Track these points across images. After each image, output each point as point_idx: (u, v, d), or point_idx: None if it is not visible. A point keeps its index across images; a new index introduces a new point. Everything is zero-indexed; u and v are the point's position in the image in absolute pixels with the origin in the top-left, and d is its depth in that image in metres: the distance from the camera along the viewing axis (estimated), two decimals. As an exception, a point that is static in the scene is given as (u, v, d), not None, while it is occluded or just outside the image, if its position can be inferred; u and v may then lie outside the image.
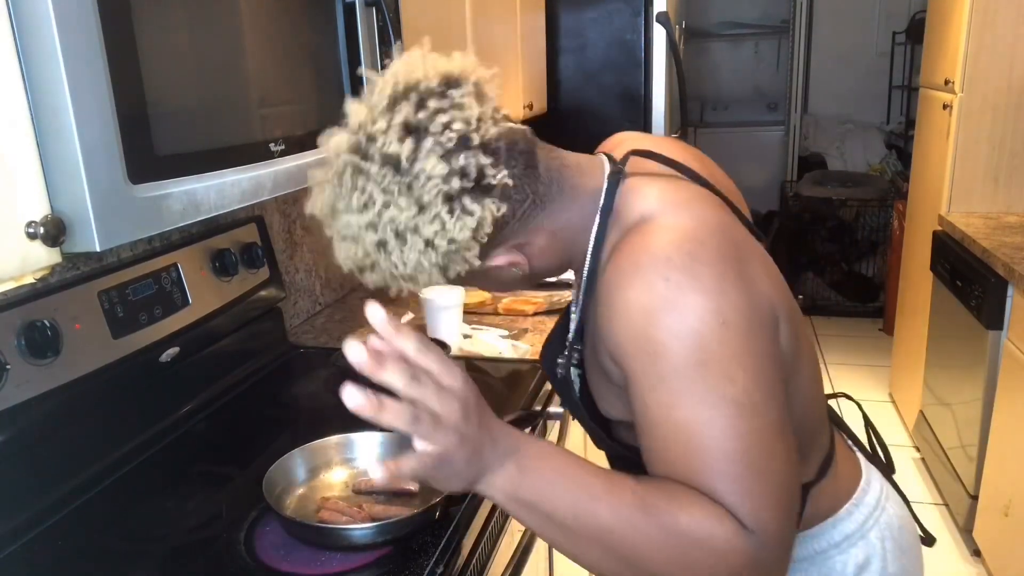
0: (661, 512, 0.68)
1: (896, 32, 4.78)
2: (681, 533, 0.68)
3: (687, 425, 0.69)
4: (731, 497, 0.68)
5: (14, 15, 0.67)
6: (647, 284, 0.70)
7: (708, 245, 0.73)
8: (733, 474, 0.68)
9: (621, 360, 0.73)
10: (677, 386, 0.69)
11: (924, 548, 1.03)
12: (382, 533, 0.99)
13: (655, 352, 0.70)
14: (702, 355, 0.69)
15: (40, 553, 1.02)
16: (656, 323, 0.69)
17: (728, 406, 0.68)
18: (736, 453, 0.68)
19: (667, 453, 0.71)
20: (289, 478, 1.11)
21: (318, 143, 0.78)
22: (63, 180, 0.72)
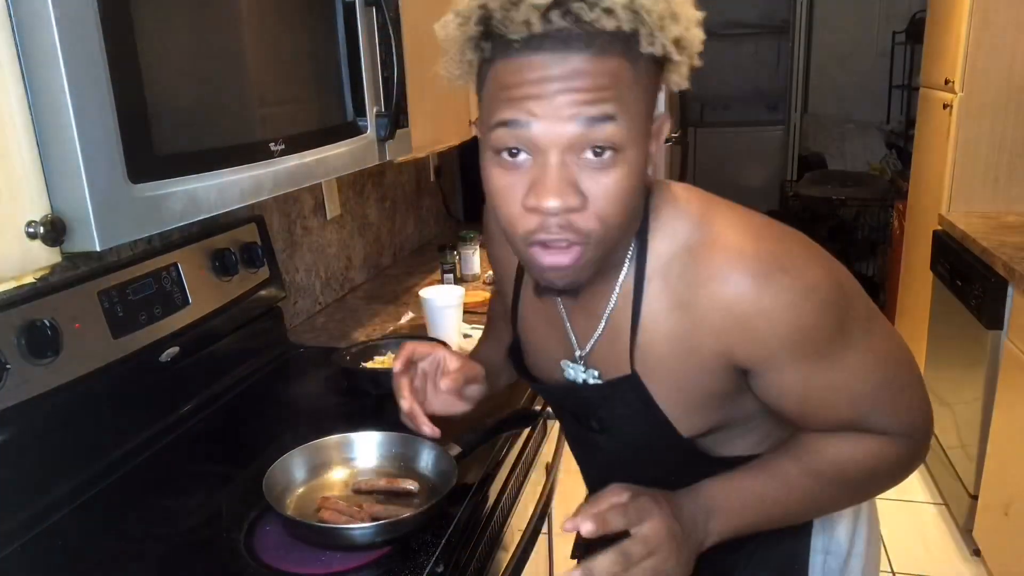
0: (836, 481, 0.85)
1: (896, 32, 4.78)
2: (856, 481, 0.86)
3: (846, 379, 0.79)
4: (888, 424, 0.83)
5: (14, 15, 0.67)
6: (772, 284, 0.73)
7: (787, 230, 0.80)
8: (883, 404, 0.82)
9: (760, 359, 0.77)
10: (829, 351, 0.76)
11: (922, 548, 1.08)
12: (382, 533, 0.99)
13: (805, 335, 0.75)
14: (839, 311, 0.76)
15: (40, 552, 1.02)
16: (801, 311, 0.74)
17: (865, 340, 0.79)
18: (883, 384, 0.81)
19: (832, 409, 0.81)
20: (289, 478, 1.11)
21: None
22: (63, 180, 0.72)
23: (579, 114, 0.66)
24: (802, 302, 0.73)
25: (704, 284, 0.75)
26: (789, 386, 0.79)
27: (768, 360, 0.77)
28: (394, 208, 2.52)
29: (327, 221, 2.05)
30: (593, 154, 0.68)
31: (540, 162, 0.68)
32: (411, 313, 1.95)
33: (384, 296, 2.14)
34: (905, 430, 0.84)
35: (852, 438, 0.83)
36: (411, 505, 1.06)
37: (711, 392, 0.81)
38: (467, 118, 2.04)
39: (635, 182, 0.71)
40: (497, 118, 0.69)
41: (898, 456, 0.85)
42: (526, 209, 0.70)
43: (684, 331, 0.77)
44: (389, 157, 1.34)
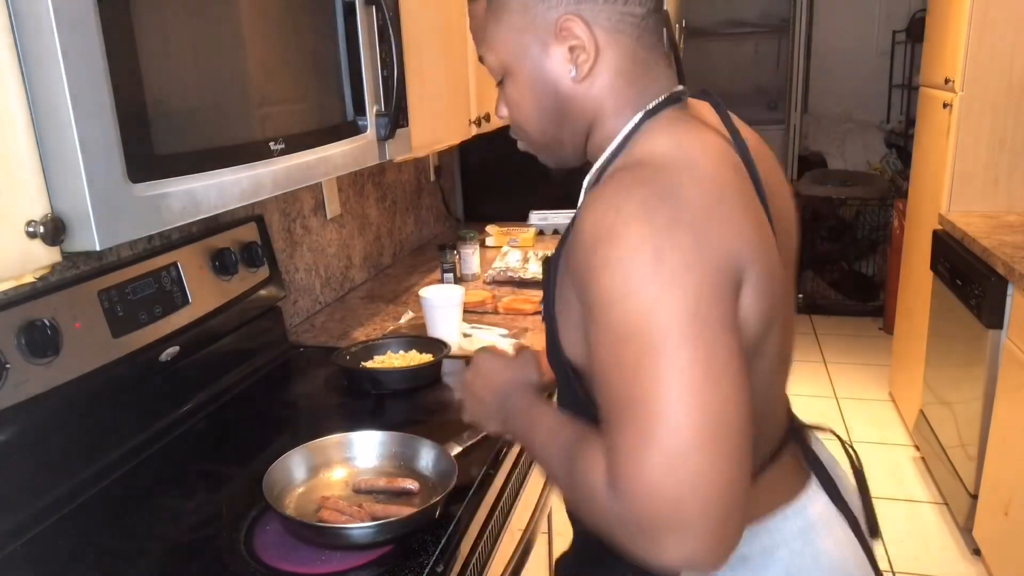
0: (568, 458, 0.75)
1: (896, 31, 4.77)
2: (572, 475, 0.74)
3: (604, 360, 0.67)
4: (611, 450, 0.66)
5: (14, 15, 0.67)
6: (602, 212, 0.69)
7: (687, 185, 0.70)
8: (620, 422, 0.65)
9: (573, 284, 0.74)
10: (601, 318, 0.67)
11: (922, 547, 1.01)
12: (382, 532, 0.99)
13: (589, 280, 0.68)
14: (625, 288, 0.66)
15: (40, 552, 1.02)
16: (595, 251, 0.68)
17: (637, 343, 0.65)
18: (627, 400, 0.65)
19: (600, 387, 0.69)
20: (289, 477, 1.11)
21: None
22: (63, 179, 0.72)
23: (477, 53, 0.88)
24: (601, 244, 0.67)
25: (594, 188, 0.74)
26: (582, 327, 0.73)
27: (574, 287, 0.73)
28: (394, 207, 2.52)
29: (327, 220, 2.05)
30: (496, 81, 0.88)
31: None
32: (411, 312, 1.95)
33: (384, 295, 2.14)
34: (617, 479, 0.65)
35: (595, 447, 0.70)
36: (411, 504, 1.06)
37: (575, 307, 0.75)
38: (467, 117, 2.04)
39: (528, 92, 0.84)
40: None
41: (593, 495, 0.69)
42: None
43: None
44: (389, 156, 1.34)
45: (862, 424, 3.36)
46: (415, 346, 1.61)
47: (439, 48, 1.77)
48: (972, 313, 2.39)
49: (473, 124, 2.07)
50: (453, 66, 1.90)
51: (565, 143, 0.86)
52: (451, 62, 1.88)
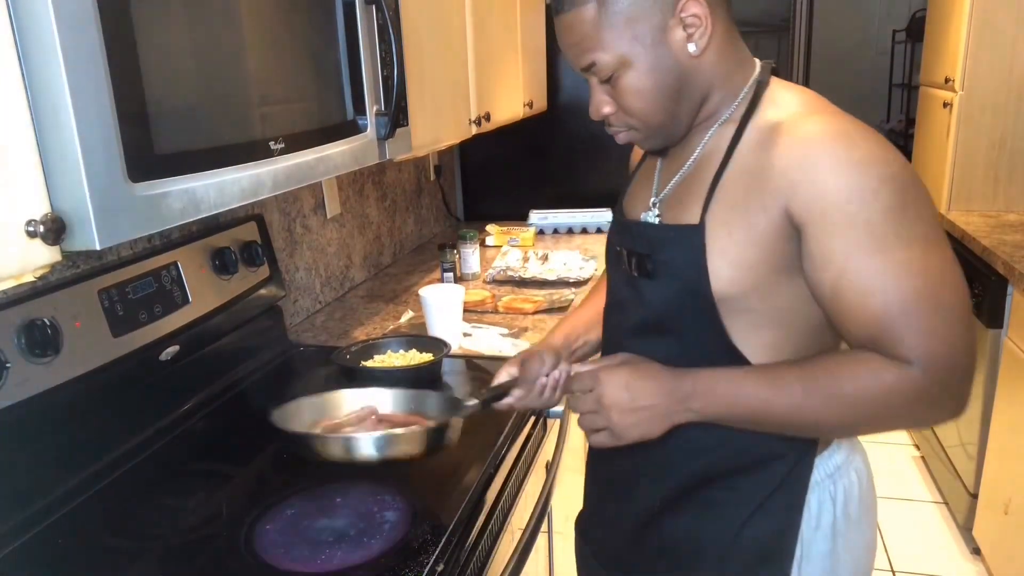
0: (828, 388, 0.83)
1: (896, 30, 4.78)
2: (847, 398, 0.83)
3: (886, 268, 0.79)
4: (909, 346, 0.79)
5: (14, 15, 0.67)
6: (851, 142, 0.80)
7: (871, 128, 0.85)
8: (912, 318, 0.79)
9: (816, 212, 0.80)
10: (882, 229, 0.79)
11: (922, 547, 1.07)
12: (382, 446, 0.99)
13: (863, 200, 0.79)
14: (903, 199, 0.80)
15: (40, 551, 1.02)
16: (867, 173, 0.79)
17: (921, 244, 0.79)
18: (920, 296, 0.79)
19: (863, 301, 0.80)
20: (300, 420, 1.10)
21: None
22: (63, 178, 0.72)
23: (578, 66, 0.92)
24: (870, 167, 0.79)
25: (792, 127, 0.84)
26: (832, 256, 0.81)
27: (822, 217, 0.80)
28: (394, 207, 2.52)
29: (327, 220, 2.05)
30: (604, 79, 0.91)
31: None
32: (411, 312, 1.95)
33: (384, 295, 2.14)
34: (923, 359, 0.79)
35: (858, 354, 0.83)
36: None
37: (759, 241, 0.85)
38: (467, 117, 2.04)
39: (650, 77, 0.88)
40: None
41: (902, 386, 0.80)
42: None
43: (758, 169, 0.85)
44: (389, 156, 1.34)
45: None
46: (415, 345, 1.61)
47: (439, 48, 1.77)
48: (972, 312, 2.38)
49: (473, 124, 2.07)
50: (453, 66, 1.90)
51: (682, 117, 0.93)
52: (451, 62, 1.88)
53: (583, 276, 2.18)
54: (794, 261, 0.85)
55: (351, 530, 1.03)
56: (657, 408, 0.90)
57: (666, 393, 0.90)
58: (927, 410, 0.82)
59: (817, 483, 0.95)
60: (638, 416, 0.91)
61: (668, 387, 0.90)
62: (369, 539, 1.00)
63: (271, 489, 1.12)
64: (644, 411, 0.90)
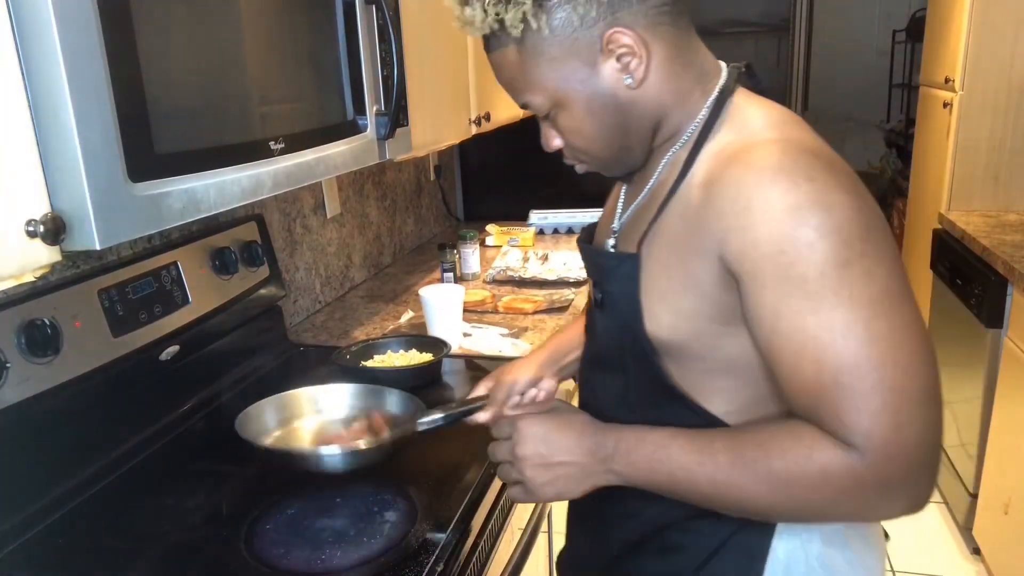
0: (755, 462, 0.74)
1: (896, 30, 4.77)
2: (776, 475, 0.73)
3: (819, 334, 0.69)
4: (835, 416, 0.69)
5: (14, 15, 0.67)
6: (792, 183, 0.70)
7: (832, 157, 0.76)
8: (861, 386, 0.68)
9: (749, 263, 0.72)
10: (817, 289, 0.69)
11: (922, 546, 1.02)
12: (350, 459, 1.05)
13: (798, 252, 0.69)
14: (846, 253, 0.69)
15: (40, 551, 1.02)
16: (803, 221, 0.69)
17: (866, 307, 0.68)
18: (864, 361, 0.68)
19: (796, 366, 0.71)
20: (261, 425, 1.17)
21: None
22: (63, 178, 0.72)
23: (516, 103, 0.87)
24: (808, 214, 0.69)
25: (732, 163, 0.75)
26: (764, 313, 0.72)
27: (753, 268, 0.72)
28: (394, 207, 2.52)
29: (327, 220, 2.05)
30: (543, 118, 0.87)
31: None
32: (411, 312, 1.95)
33: (384, 295, 2.14)
34: (863, 442, 0.68)
35: (795, 427, 0.73)
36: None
37: (693, 288, 0.77)
38: (467, 117, 2.04)
39: (586, 115, 0.83)
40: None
41: (836, 472, 0.70)
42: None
43: (698, 206, 0.77)
44: (389, 156, 1.34)
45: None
46: (415, 345, 1.61)
47: (439, 47, 1.77)
48: (972, 312, 2.39)
49: (473, 123, 2.07)
50: (453, 65, 1.90)
51: (633, 148, 0.86)
52: (451, 61, 1.88)
53: (583, 276, 2.18)
54: (737, 312, 0.76)
55: (351, 530, 1.03)
56: (575, 466, 0.84)
57: (586, 451, 0.84)
58: (869, 502, 0.71)
59: (785, 529, 0.83)
60: (553, 473, 0.85)
61: (588, 445, 0.84)
62: (369, 539, 1.01)
63: (271, 489, 1.12)
64: (560, 467, 0.85)
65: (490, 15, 0.79)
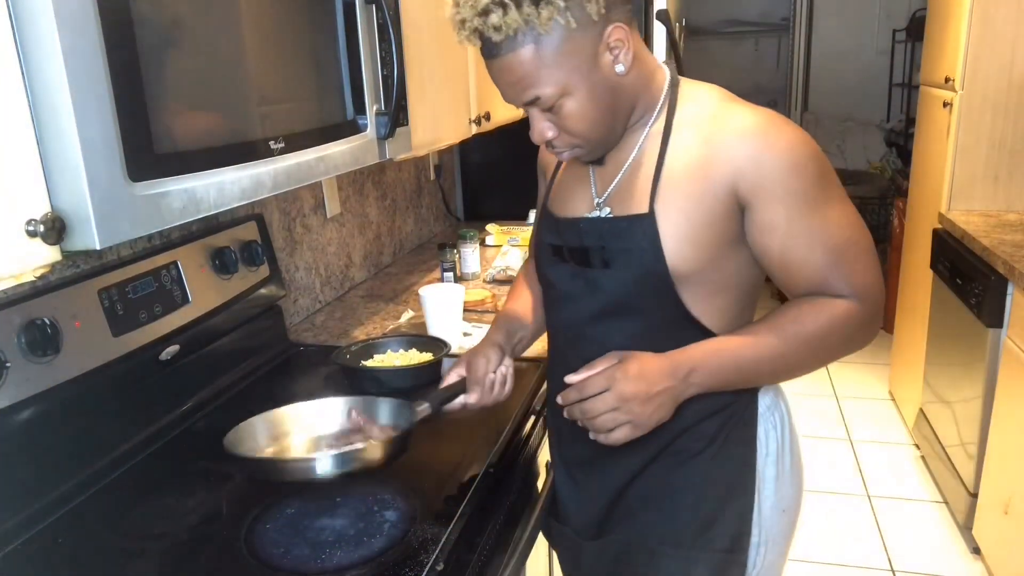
0: (796, 334, 0.99)
1: (896, 30, 4.77)
2: (815, 335, 0.99)
3: (823, 225, 0.96)
4: (848, 284, 0.98)
5: (14, 14, 0.67)
6: (779, 131, 0.96)
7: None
8: (848, 262, 0.97)
9: (760, 187, 0.95)
10: (814, 193, 0.96)
11: (921, 546, 1.14)
12: (341, 464, 1.02)
13: (800, 173, 0.95)
14: (821, 167, 0.97)
15: (40, 551, 1.02)
16: (799, 151, 0.95)
17: (841, 200, 0.98)
18: (850, 243, 0.97)
19: (808, 255, 0.97)
20: (253, 443, 1.13)
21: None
22: (63, 178, 0.72)
23: (519, 102, 0.98)
24: (799, 146, 0.95)
25: (728, 121, 0.98)
26: (778, 223, 0.96)
27: (766, 192, 0.95)
28: (394, 206, 2.52)
29: (327, 219, 2.05)
30: (546, 109, 0.98)
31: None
32: (411, 311, 1.95)
33: (384, 294, 2.14)
34: (861, 293, 0.98)
35: (811, 300, 0.99)
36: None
37: (710, 222, 0.98)
38: (467, 116, 2.04)
39: (590, 101, 0.96)
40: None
41: (850, 317, 0.98)
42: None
43: (704, 159, 0.97)
44: (389, 155, 1.34)
45: (862, 423, 3.36)
46: (415, 345, 1.61)
47: (439, 47, 1.77)
48: (972, 312, 2.39)
49: (473, 123, 2.07)
50: (453, 65, 1.90)
51: (618, 128, 1.02)
52: (451, 61, 1.88)
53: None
54: (739, 234, 0.99)
55: (351, 529, 1.03)
56: (669, 391, 0.99)
57: (671, 375, 0.99)
58: (866, 332, 1.01)
59: (761, 415, 1.09)
60: (656, 402, 0.99)
61: (671, 370, 0.99)
62: (369, 538, 1.01)
63: (271, 488, 1.12)
64: (660, 395, 0.99)
65: (522, 15, 0.88)
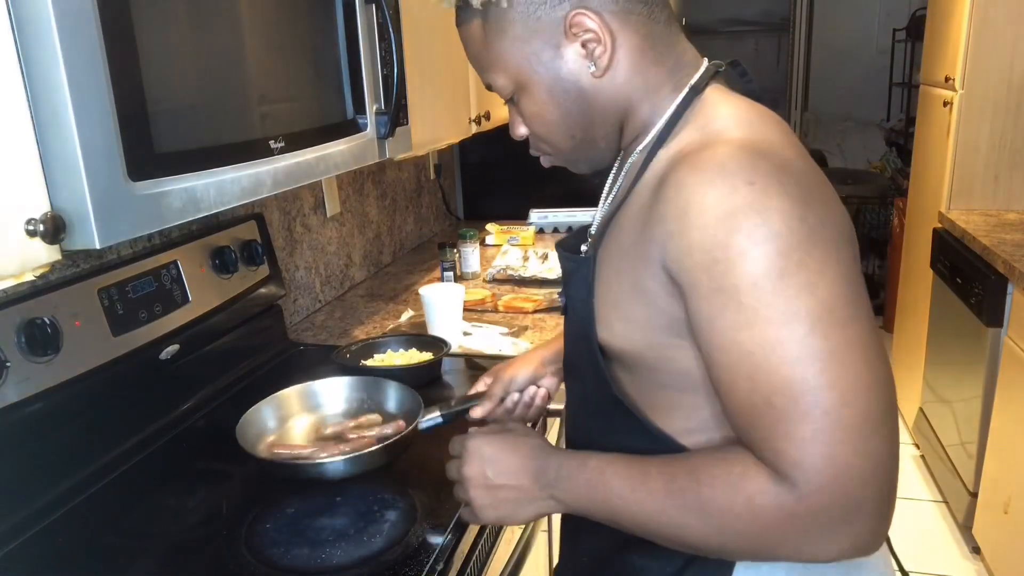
0: (684, 491, 0.70)
1: (896, 29, 4.77)
2: (705, 506, 0.68)
3: (753, 350, 0.64)
4: (768, 440, 0.64)
5: (14, 14, 0.67)
6: (730, 187, 0.65)
7: (791, 161, 0.70)
8: (793, 410, 0.63)
9: (685, 271, 0.68)
10: (750, 301, 0.64)
11: (921, 545, 1.00)
12: (349, 466, 1.06)
13: (730, 261, 0.64)
14: (783, 263, 0.63)
15: (40, 550, 1.02)
16: (736, 227, 0.64)
17: (803, 323, 0.63)
18: (799, 383, 0.63)
19: (732, 384, 0.67)
20: (260, 428, 1.20)
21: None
22: (63, 177, 0.72)
23: (483, 82, 0.84)
24: (743, 220, 0.64)
25: (681, 163, 0.70)
26: (701, 322, 0.68)
27: (689, 276, 0.67)
28: (394, 206, 2.52)
29: (327, 219, 2.05)
30: (507, 100, 0.84)
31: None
32: (411, 311, 1.95)
33: (384, 294, 2.14)
34: (797, 473, 0.63)
35: (729, 454, 0.70)
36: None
37: (645, 297, 0.73)
38: (467, 116, 2.04)
39: (548, 101, 0.80)
40: None
41: (766, 504, 0.65)
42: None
43: (647, 208, 0.73)
44: (389, 155, 1.34)
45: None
46: (415, 344, 1.61)
47: (439, 46, 1.77)
48: (972, 311, 2.39)
49: (473, 122, 2.07)
50: (453, 64, 1.90)
51: (598, 141, 0.83)
52: (451, 60, 1.88)
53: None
54: (687, 324, 0.71)
55: (351, 529, 1.03)
56: (517, 490, 0.82)
57: (528, 475, 0.81)
58: (803, 540, 0.65)
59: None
60: (495, 496, 0.83)
61: (533, 470, 0.81)
62: (369, 538, 1.01)
63: (271, 488, 1.12)
64: (502, 491, 0.82)
65: None
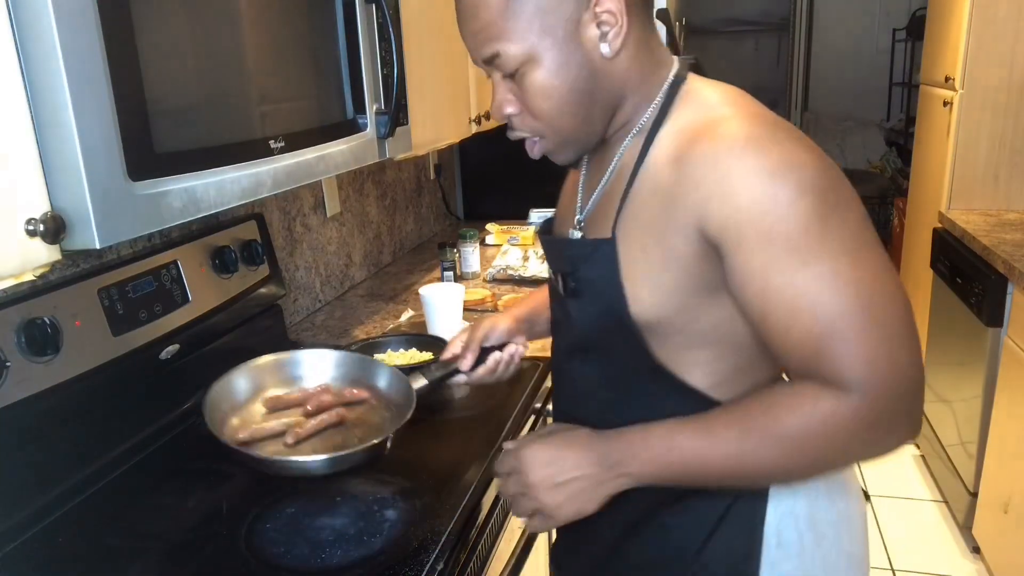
0: (764, 428, 0.76)
1: (896, 29, 4.78)
2: (787, 435, 0.75)
3: (810, 285, 0.72)
4: (843, 366, 0.71)
5: (14, 14, 0.67)
6: (763, 150, 0.73)
7: (790, 124, 0.79)
8: (845, 337, 0.71)
9: (729, 229, 0.73)
10: (804, 243, 0.72)
11: (921, 545, 1.03)
12: (334, 464, 1.00)
13: (780, 212, 0.72)
14: (823, 207, 0.72)
15: (40, 550, 1.02)
16: (781, 182, 0.72)
17: (846, 255, 0.72)
18: (852, 311, 0.71)
19: (792, 320, 0.73)
20: (233, 399, 1.10)
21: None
22: (63, 177, 0.72)
23: (479, 56, 0.83)
24: (784, 174, 0.72)
25: (699, 139, 0.77)
26: (752, 276, 0.74)
27: (737, 234, 0.73)
28: (394, 206, 2.52)
29: (327, 219, 2.05)
30: (508, 73, 0.83)
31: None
32: (411, 311, 1.95)
33: (384, 294, 2.14)
34: (862, 382, 0.71)
35: (793, 386, 0.76)
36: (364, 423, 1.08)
37: (674, 264, 0.79)
38: (467, 116, 2.04)
39: (558, 75, 0.81)
40: None
41: (842, 416, 0.72)
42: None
43: (670, 183, 0.78)
44: (389, 155, 1.34)
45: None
46: (415, 344, 1.61)
47: (439, 46, 1.77)
48: (972, 311, 2.39)
49: (473, 122, 2.07)
50: (453, 64, 1.90)
51: (595, 123, 0.86)
52: (451, 60, 1.88)
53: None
54: (717, 281, 0.78)
55: (351, 529, 1.03)
56: (587, 479, 0.84)
57: (593, 462, 0.84)
58: (874, 438, 0.74)
59: (775, 495, 0.86)
60: (567, 491, 0.84)
61: (595, 456, 0.84)
62: (369, 538, 1.01)
63: (271, 488, 1.12)
64: (572, 484, 0.84)
65: None
